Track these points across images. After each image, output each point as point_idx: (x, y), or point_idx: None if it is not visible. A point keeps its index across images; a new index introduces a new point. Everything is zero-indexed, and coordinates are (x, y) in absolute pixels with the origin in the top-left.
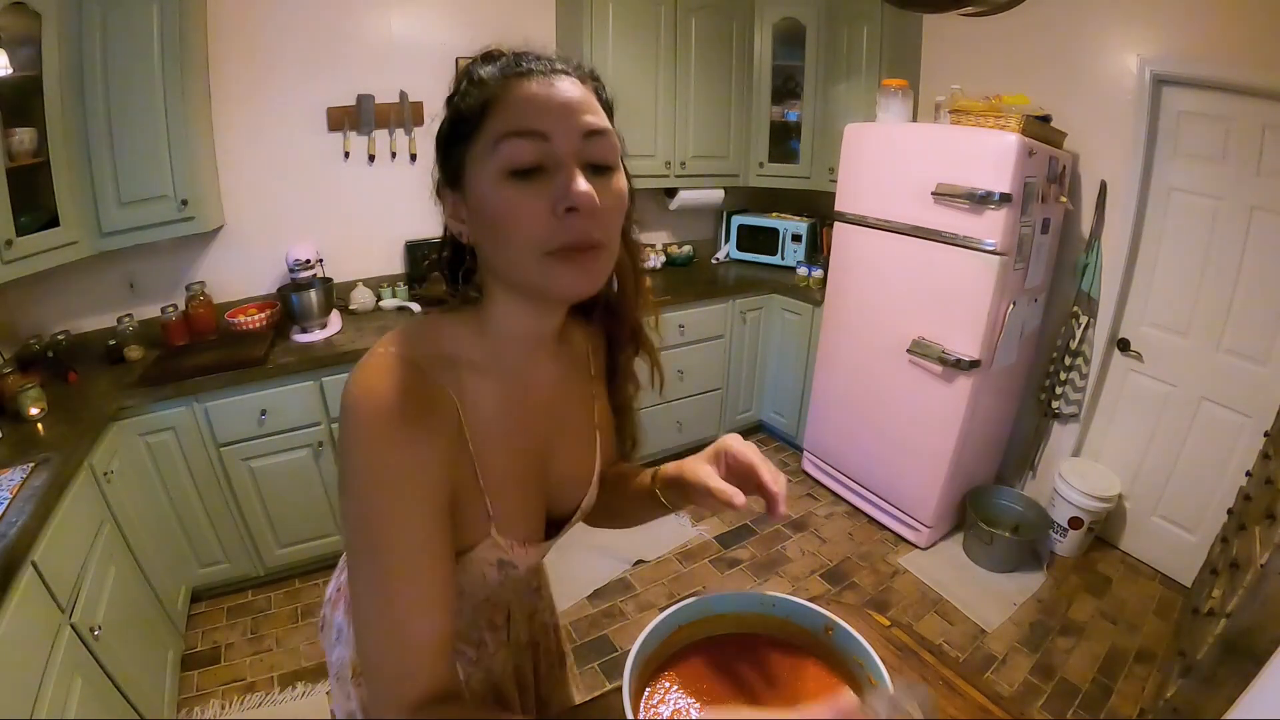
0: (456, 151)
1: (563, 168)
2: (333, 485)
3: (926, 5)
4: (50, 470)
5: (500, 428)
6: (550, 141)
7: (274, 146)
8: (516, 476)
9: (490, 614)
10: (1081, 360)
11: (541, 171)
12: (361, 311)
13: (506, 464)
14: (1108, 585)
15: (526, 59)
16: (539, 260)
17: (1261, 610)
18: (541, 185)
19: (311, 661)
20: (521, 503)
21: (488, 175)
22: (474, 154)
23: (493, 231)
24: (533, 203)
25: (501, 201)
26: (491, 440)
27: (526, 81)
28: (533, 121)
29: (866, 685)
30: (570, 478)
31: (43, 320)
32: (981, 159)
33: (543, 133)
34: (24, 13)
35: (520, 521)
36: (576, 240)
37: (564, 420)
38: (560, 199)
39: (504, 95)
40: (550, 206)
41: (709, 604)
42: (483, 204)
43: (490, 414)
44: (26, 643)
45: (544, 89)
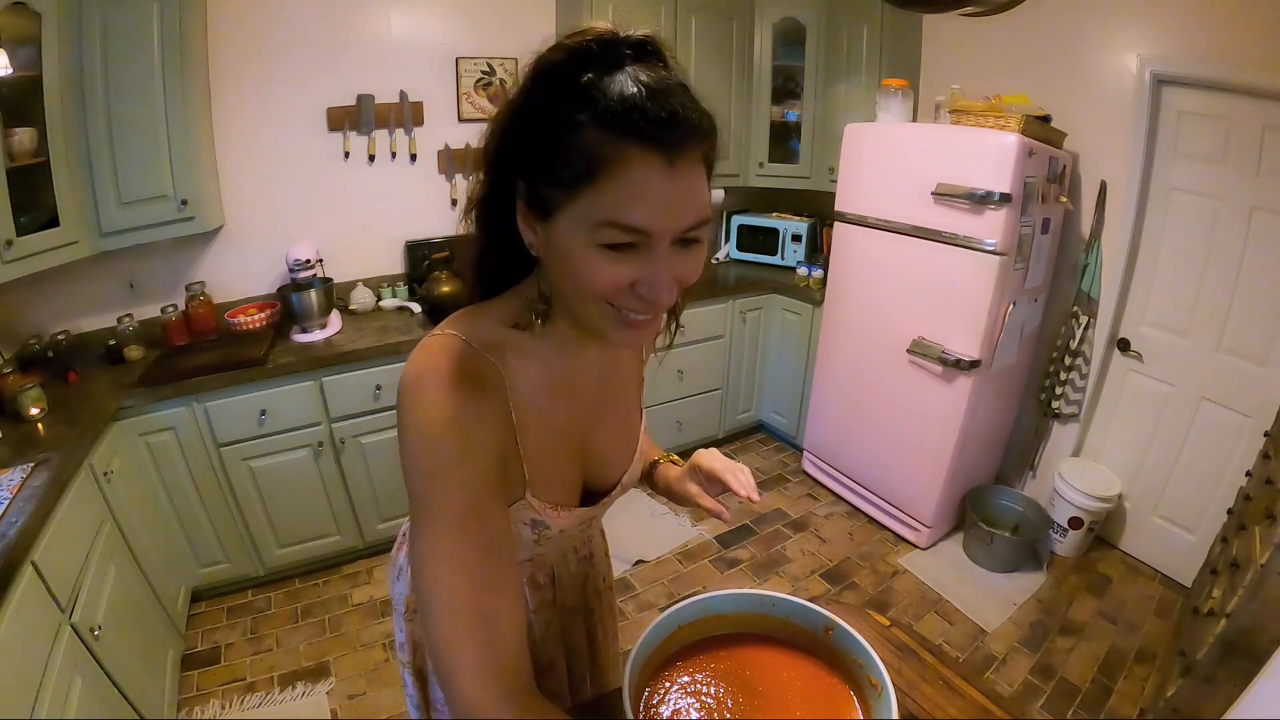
0: (549, 189)
1: (655, 255)
2: (333, 485)
3: (926, 5)
4: (50, 470)
5: (541, 403)
6: (651, 237)
7: (274, 146)
8: (554, 448)
9: (532, 571)
10: (1081, 360)
11: (633, 249)
12: (361, 311)
13: (545, 436)
14: (1108, 585)
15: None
16: (605, 314)
17: (1261, 610)
18: (629, 261)
19: (311, 661)
20: (557, 472)
21: (580, 237)
22: (570, 210)
23: (571, 277)
24: (615, 276)
25: (589, 266)
26: (531, 414)
27: (647, 162)
28: (639, 219)
29: (866, 685)
30: (612, 453)
31: (43, 320)
32: (981, 159)
33: (647, 232)
34: (24, 13)
35: (556, 487)
36: (643, 311)
37: (611, 401)
38: (644, 286)
39: (618, 170)
40: (632, 280)
41: (709, 604)
42: (568, 254)
43: (532, 390)
44: (26, 643)
45: (662, 180)
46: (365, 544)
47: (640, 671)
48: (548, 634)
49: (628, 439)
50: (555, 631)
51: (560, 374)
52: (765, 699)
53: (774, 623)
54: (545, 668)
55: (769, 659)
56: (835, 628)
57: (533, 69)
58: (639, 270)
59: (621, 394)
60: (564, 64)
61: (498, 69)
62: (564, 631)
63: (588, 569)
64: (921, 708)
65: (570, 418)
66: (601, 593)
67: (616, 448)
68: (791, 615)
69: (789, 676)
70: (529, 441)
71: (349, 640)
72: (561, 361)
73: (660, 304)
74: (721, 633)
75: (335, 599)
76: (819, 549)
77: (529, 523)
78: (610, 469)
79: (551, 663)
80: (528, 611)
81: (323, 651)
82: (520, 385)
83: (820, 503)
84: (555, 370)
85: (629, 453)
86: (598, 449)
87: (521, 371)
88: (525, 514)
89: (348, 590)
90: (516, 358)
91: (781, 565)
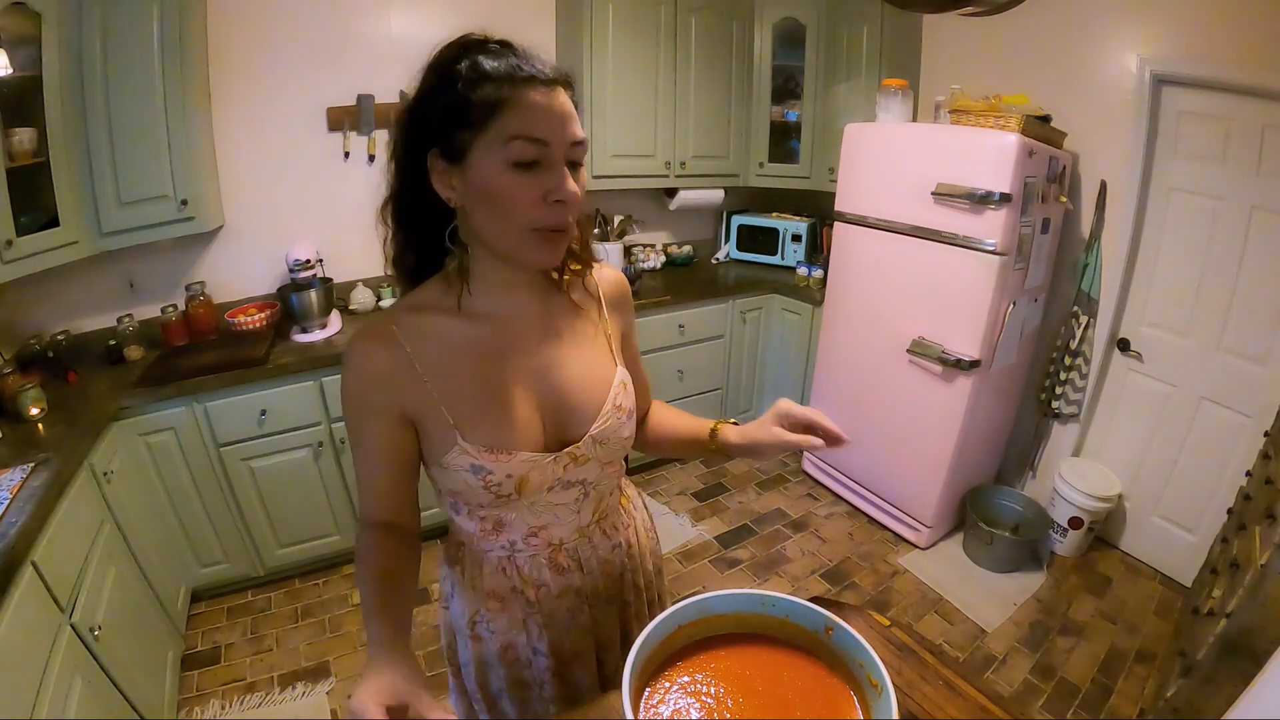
0: (461, 135)
1: (555, 167)
2: (333, 485)
3: (926, 5)
4: (50, 470)
5: (467, 353)
6: (549, 147)
7: (274, 146)
8: (480, 394)
9: (551, 554)
10: (1081, 360)
11: (537, 165)
12: (361, 311)
13: (466, 383)
14: (1108, 585)
15: (529, 63)
16: (524, 235)
17: (1261, 610)
18: (536, 177)
19: (311, 661)
20: (489, 416)
21: (494, 163)
22: (482, 142)
23: (490, 207)
24: (528, 191)
25: (505, 186)
26: (453, 364)
27: (534, 90)
28: (539, 130)
29: (866, 685)
30: (575, 404)
31: (43, 320)
32: (981, 159)
33: (545, 140)
34: (24, 13)
35: (492, 429)
36: (557, 224)
37: (564, 350)
38: (552, 192)
39: (515, 100)
40: (542, 195)
41: (709, 604)
42: (486, 184)
43: (455, 344)
44: (26, 643)
45: (547, 101)
46: None
47: (640, 671)
48: (574, 624)
49: (592, 390)
50: (584, 621)
51: (490, 322)
52: (765, 699)
53: (774, 623)
54: (571, 657)
55: (769, 659)
56: (835, 628)
57: (429, 66)
58: (546, 181)
59: (579, 344)
60: (456, 54)
61: None
62: (595, 623)
63: (624, 559)
64: (921, 708)
65: (511, 359)
66: (641, 588)
67: (580, 399)
68: (791, 615)
69: (789, 676)
70: (446, 389)
71: (349, 640)
72: (485, 311)
73: (571, 203)
74: (721, 633)
75: (335, 599)
76: (819, 549)
77: (469, 469)
78: (577, 420)
79: (578, 653)
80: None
81: (323, 651)
82: (438, 340)
83: (820, 503)
84: (483, 320)
85: (595, 404)
86: (557, 400)
87: (441, 327)
88: (463, 460)
89: (348, 590)
90: (437, 315)
91: (781, 565)
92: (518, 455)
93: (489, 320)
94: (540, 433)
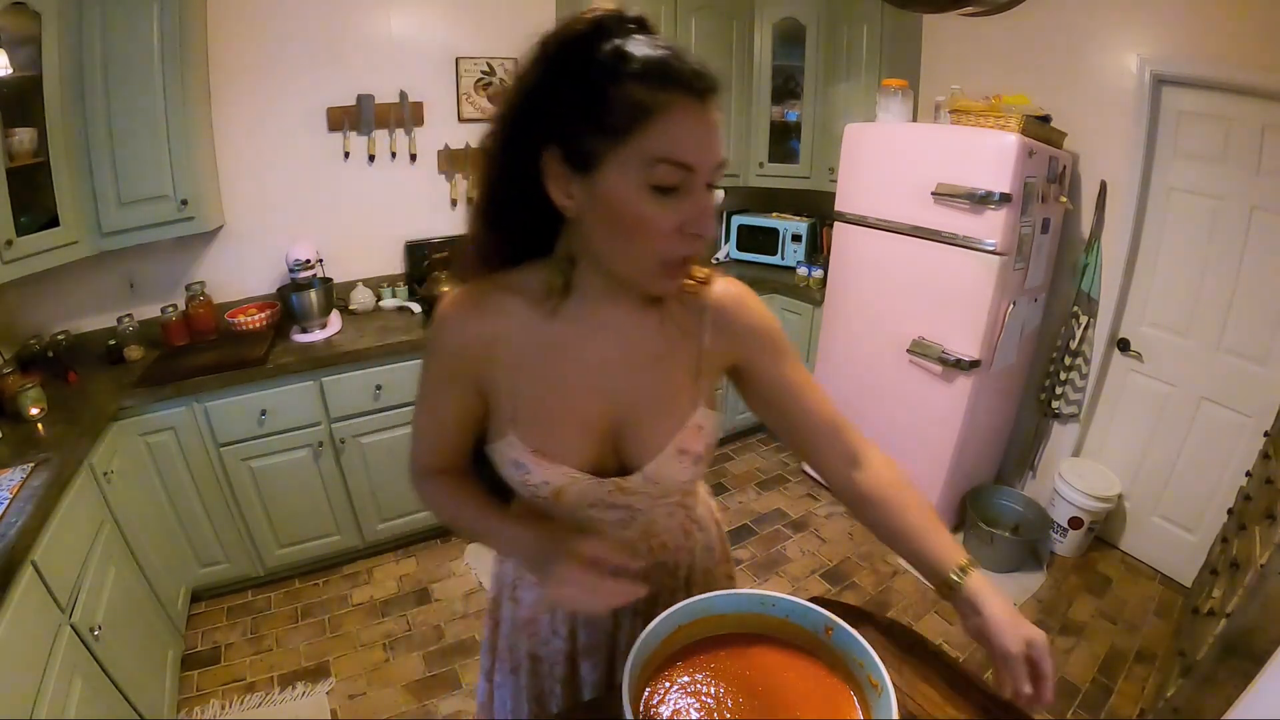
0: (592, 140)
1: (696, 193)
2: (333, 485)
3: (926, 5)
4: (50, 470)
5: (542, 351)
6: (694, 173)
7: (274, 146)
8: (547, 399)
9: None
10: (1081, 360)
11: (677, 190)
12: (361, 311)
13: (538, 384)
14: (1108, 585)
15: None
16: (649, 264)
17: (1261, 610)
18: (676, 203)
19: (311, 661)
20: (550, 422)
21: (630, 183)
22: (619, 156)
23: (616, 228)
24: (665, 219)
25: (640, 211)
26: (526, 357)
27: (688, 106)
28: (689, 154)
29: (866, 685)
30: (643, 436)
31: (43, 320)
32: (981, 159)
33: (692, 166)
34: (24, 13)
35: (544, 434)
36: (690, 256)
37: (643, 376)
38: (690, 224)
39: (667, 110)
40: (679, 225)
41: (709, 604)
42: (617, 204)
43: (535, 339)
44: (26, 643)
45: (701, 122)
46: (365, 544)
47: (640, 671)
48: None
49: (660, 426)
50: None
51: (566, 326)
52: (765, 699)
53: (774, 623)
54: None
55: (769, 659)
56: (835, 628)
57: (547, 44)
58: (685, 210)
59: (660, 377)
60: (586, 35)
61: (498, 69)
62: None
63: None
64: (921, 708)
65: (571, 371)
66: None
67: (644, 432)
68: (791, 615)
69: (789, 676)
70: (514, 380)
71: (349, 640)
72: (573, 315)
73: (707, 235)
74: (721, 633)
75: (335, 599)
76: (819, 549)
77: (511, 463)
78: (643, 451)
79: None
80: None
81: (323, 651)
82: (525, 331)
83: (820, 503)
84: (571, 324)
85: (659, 441)
86: (619, 425)
87: (530, 318)
88: (509, 452)
89: (348, 590)
90: (514, 299)
91: (781, 565)
92: (560, 467)
93: (575, 324)
94: (594, 452)
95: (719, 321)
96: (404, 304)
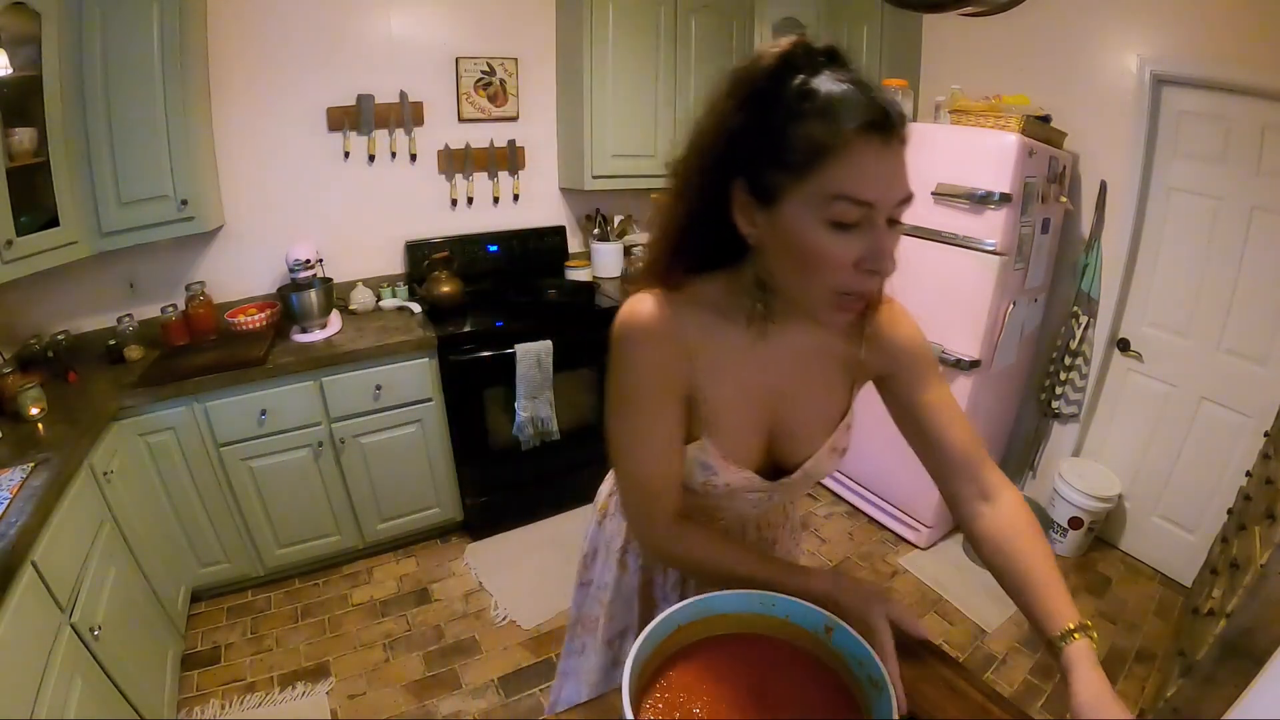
0: (775, 175)
1: (875, 230)
2: (333, 485)
3: (926, 5)
4: (50, 470)
5: (730, 361)
6: (874, 209)
7: (274, 146)
8: (738, 405)
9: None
10: (1081, 360)
11: (856, 227)
12: (361, 311)
13: (730, 391)
14: (1108, 585)
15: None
16: (825, 296)
17: (1261, 610)
18: (854, 239)
19: (311, 661)
20: (738, 427)
21: (809, 219)
22: (799, 192)
23: (794, 260)
24: (842, 254)
25: (817, 245)
26: (719, 368)
27: (869, 143)
28: (868, 192)
29: (867, 685)
30: (801, 435)
31: (43, 320)
32: (981, 159)
33: (873, 204)
34: (24, 13)
35: (734, 442)
36: (865, 293)
37: (807, 385)
38: (868, 260)
39: (846, 149)
40: (856, 260)
41: (709, 604)
42: (796, 238)
43: (724, 348)
44: (26, 643)
45: (883, 159)
46: (365, 544)
47: (640, 671)
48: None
49: (818, 426)
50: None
51: (755, 343)
52: (765, 699)
53: (774, 623)
54: None
55: (769, 659)
56: (835, 628)
57: (737, 79)
58: (863, 246)
59: (820, 381)
60: (773, 71)
61: (498, 69)
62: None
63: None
64: (921, 708)
65: (762, 379)
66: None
67: (805, 430)
68: (791, 615)
69: (789, 676)
70: (712, 389)
71: (349, 640)
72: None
73: (885, 273)
74: (721, 633)
75: (335, 599)
76: (819, 549)
77: (699, 465)
78: (797, 451)
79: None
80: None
81: (323, 651)
82: (713, 340)
83: (820, 503)
84: (750, 336)
85: (818, 440)
86: (787, 427)
87: (716, 329)
88: (700, 454)
89: (348, 590)
90: (715, 315)
91: None
92: (744, 471)
93: (759, 337)
94: (761, 453)
95: (875, 336)
96: (404, 304)
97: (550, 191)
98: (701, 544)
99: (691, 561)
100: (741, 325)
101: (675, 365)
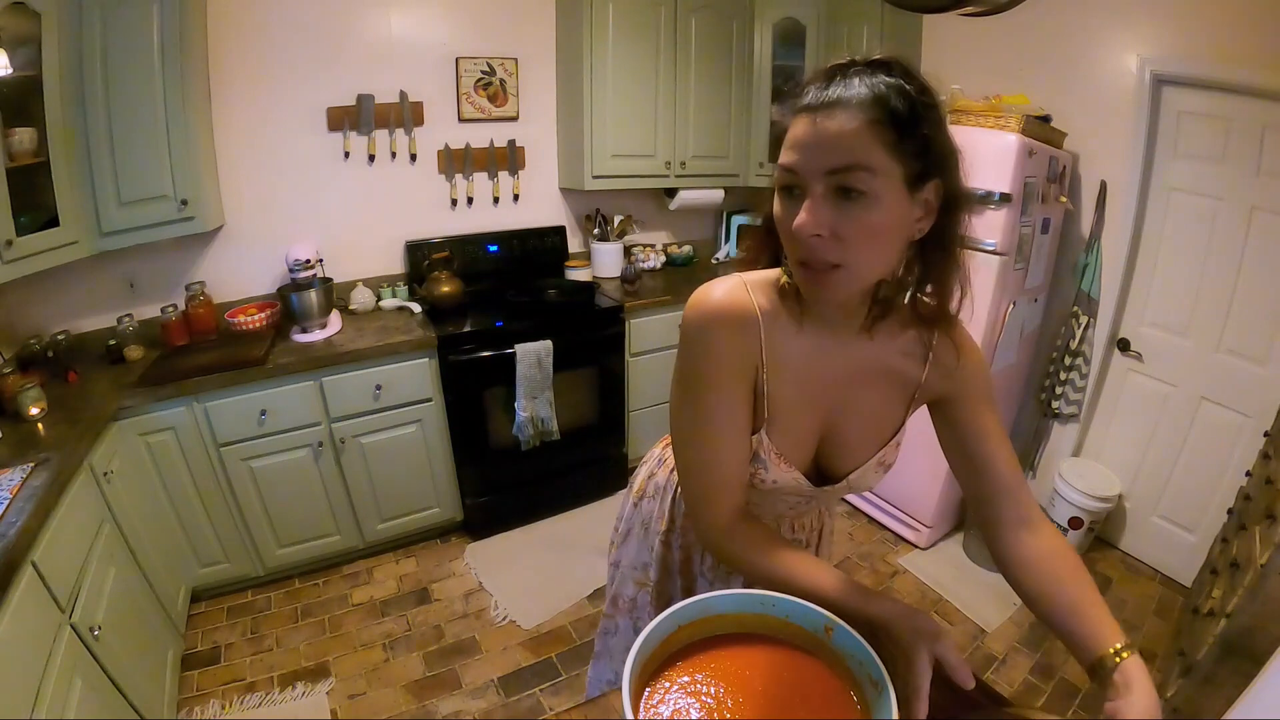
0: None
1: (803, 197)
2: (333, 485)
3: (926, 5)
4: (50, 470)
5: (795, 362)
6: (798, 175)
7: (274, 146)
8: (798, 405)
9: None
10: (1081, 360)
11: (799, 193)
12: (361, 311)
13: (792, 389)
14: (1108, 585)
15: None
16: (794, 268)
17: (1261, 610)
18: (794, 203)
19: (311, 661)
20: (795, 426)
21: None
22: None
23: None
24: (785, 216)
25: (775, 211)
26: (784, 366)
27: (800, 119)
28: (789, 156)
29: (867, 685)
30: (850, 445)
31: (43, 320)
32: (981, 159)
33: (791, 168)
34: (24, 13)
35: (785, 439)
36: (805, 258)
37: (860, 395)
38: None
39: (789, 130)
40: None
41: (709, 604)
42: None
43: (790, 350)
44: (26, 643)
45: (808, 130)
46: (365, 544)
47: (640, 671)
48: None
49: (869, 440)
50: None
51: (817, 346)
52: (765, 699)
53: (774, 623)
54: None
55: (769, 659)
56: (835, 628)
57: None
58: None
59: (879, 397)
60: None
61: (498, 69)
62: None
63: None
64: None
65: (820, 392)
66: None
67: (856, 441)
68: (791, 615)
69: (789, 676)
70: (776, 385)
71: (349, 640)
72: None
73: (803, 236)
74: (721, 633)
75: (335, 599)
76: None
77: (753, 458)
78: (845, 461)
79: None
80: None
81: (323, 651)
82: (783, 340)
83: None
84: (813, 340)
85: (866, 452)
86: (840, 437)
87: (786, 330)
88: (755, 445)
89: (348, 590)
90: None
91: None
92: (793, 471)
93: (815, 338)
94: (810, 457)
95: (939, 358)
96: (404, 304)
97: (550, 191)
98: (761, 545)
99: (747, 562)
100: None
101: (749, 350)
